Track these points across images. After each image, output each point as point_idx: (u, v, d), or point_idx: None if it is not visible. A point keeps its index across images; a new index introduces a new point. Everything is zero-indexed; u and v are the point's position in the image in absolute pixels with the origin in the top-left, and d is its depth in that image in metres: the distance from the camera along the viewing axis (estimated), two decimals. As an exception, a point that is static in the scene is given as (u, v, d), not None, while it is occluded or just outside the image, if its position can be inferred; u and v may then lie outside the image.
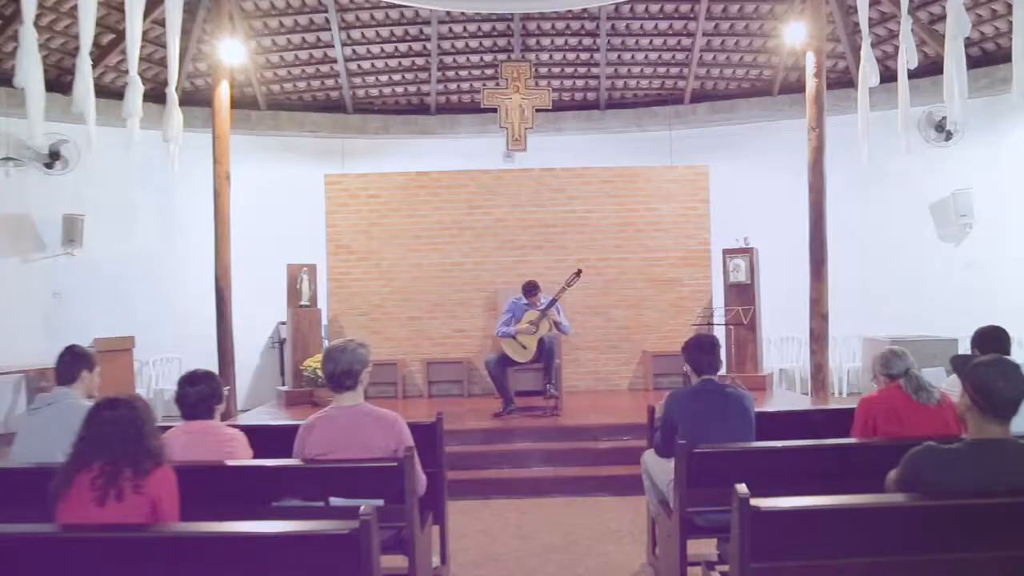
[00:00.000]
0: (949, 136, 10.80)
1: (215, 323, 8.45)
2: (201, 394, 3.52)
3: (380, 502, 3.27)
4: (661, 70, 11.71)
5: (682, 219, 9.38)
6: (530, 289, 7.30)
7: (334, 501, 3.28)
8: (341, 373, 3.39)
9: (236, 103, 11.73)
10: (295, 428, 3.56)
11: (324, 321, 9.50)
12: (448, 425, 7.01)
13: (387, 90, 11.97)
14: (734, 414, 3.72)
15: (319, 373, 8.22)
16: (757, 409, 3.85)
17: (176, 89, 7.33)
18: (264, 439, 3.78)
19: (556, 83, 11.63)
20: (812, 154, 8.35)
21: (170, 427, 3.60)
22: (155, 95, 10.41)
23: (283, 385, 9.38)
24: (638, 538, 4.87)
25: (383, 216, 9.42)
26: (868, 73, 7.26)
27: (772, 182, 11.59)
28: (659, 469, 3.95)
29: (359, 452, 3.32)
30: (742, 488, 2.44)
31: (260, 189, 11.59)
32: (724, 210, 9.64)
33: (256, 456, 3.61)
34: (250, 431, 4.06)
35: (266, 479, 3.34)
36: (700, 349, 3.89)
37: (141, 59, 10.61)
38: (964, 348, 10.11)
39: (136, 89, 6.66)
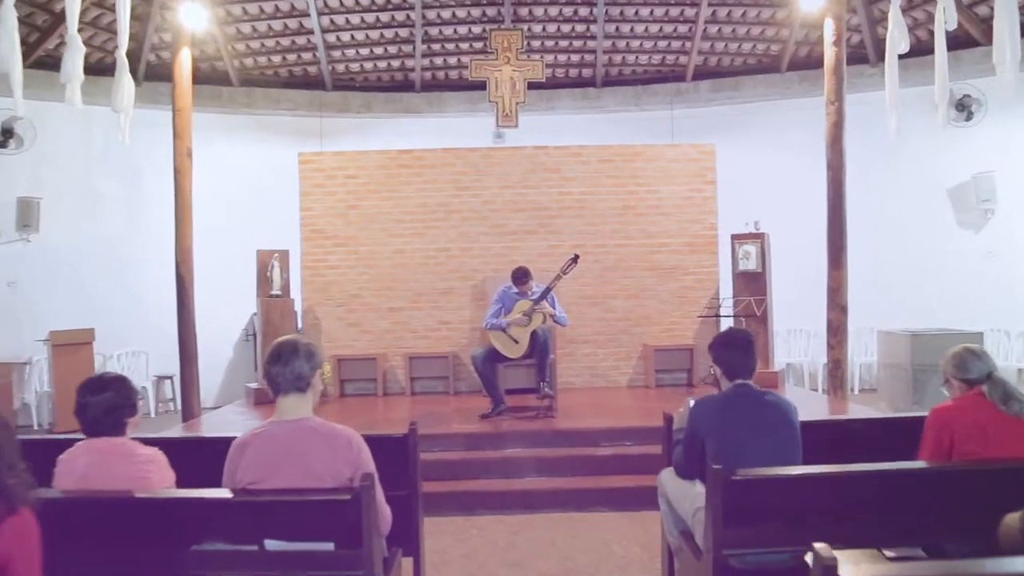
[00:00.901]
0: (970, 116, 10.13)
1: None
2: (108, 404, 2.78)
3: (330, 545, 2.54)
4: (662, 44, 10.97)
5: (687, 202, 8.66)
6: (520, 276, 6.56)
7: (270, 545, 2.55)
8: (289, 375, 2.66)
9: (206, 79, 10.96)
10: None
11: (298, 311, 8.75)
12: (429, 428, 6.31)
13: (368, 65, 11.19)
14: (776, 428, 3.00)
15: (290, 369, 7.46)
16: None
17: (126, 54, 6.54)
18: (200, 455, 3.04)
19: (550, 58, 10.88)
20: (831, 130, 7.65)
21: (74, 441, 2.86)
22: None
23: (254, 382, 8.62)
24: (649, 567, 4.16)
25: (362, 198, 8.66)
26: (897, 38, 6.55)
27: (780, 164, 10.94)
28: (681, 494, 3.23)
29: (304, 480, 2.59)
30: (823, 549, 1.72)
31: (233, 171, 10.88)
32: (730, 194, 8.93)
33: (184, 482, 2.88)
34: (180, 447, 3.33)
35: (185, 514, 2.60)
36: (734, 347, 3.17)
37: (101, 29, 9.90)
38: (992, 343, 9.51)
39: (76, 50, 5.89)
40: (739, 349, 3.14)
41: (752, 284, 8.30)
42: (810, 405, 7.22)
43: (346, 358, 8.40)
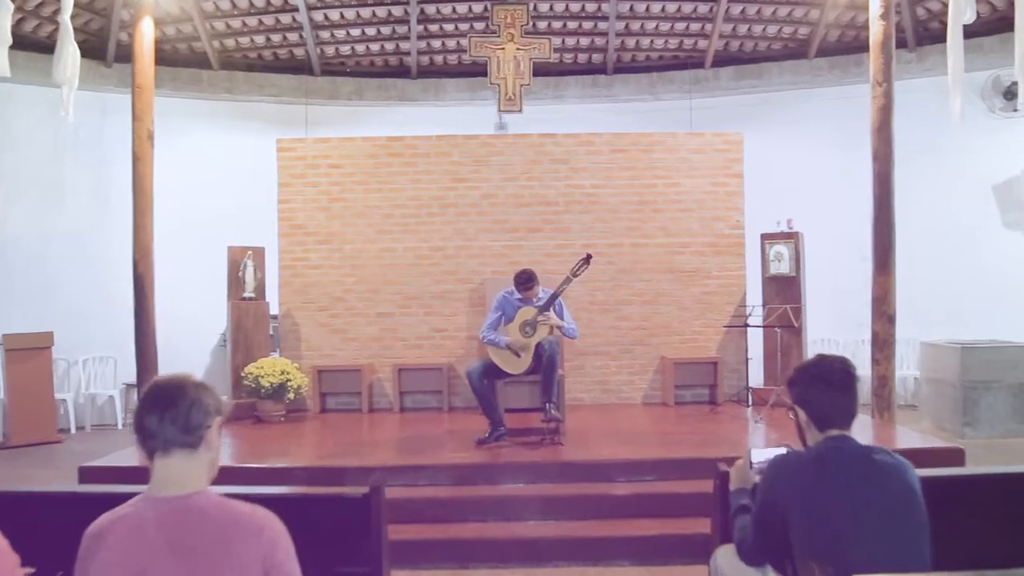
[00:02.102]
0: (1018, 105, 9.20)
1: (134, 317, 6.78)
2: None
3: None
4: (679, 27, 10.03)
5: (710, 197, 7.73)
6: (524, 280, 5.65)
7: None
8: (172, 426, 1.76)
9: (185, 61, 10.08)
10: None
11: (275, 315, 7.84)
12: (415, 456, 5.36)
13: (360, 48, 10.28)
14: (894, 502, 2.07)
15: (262, 382, 6.60)
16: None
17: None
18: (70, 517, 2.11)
19: (557, 42, 9.93)
20: (877, 115, 6.72)
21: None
22: (88, 49, 8.77)
23: (224, 396, 7.69)
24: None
25: (347, 190, 7.75)
26: (963, 5, 5.62)
27: (807, 159, 10.04)
28: (748, 587, 2.30)
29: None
30: None
31: (213, 161, 10.01)
32: (754, 190, 7.99)
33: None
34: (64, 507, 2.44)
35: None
36: (828, 384, 2.25)
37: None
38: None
39: (3, 10, 4.98)
40: (836, 387, 2.22)
41: (785, 290, 7.38)
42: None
43: (328, 369, 7.49)
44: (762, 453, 2.46)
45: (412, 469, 4.95)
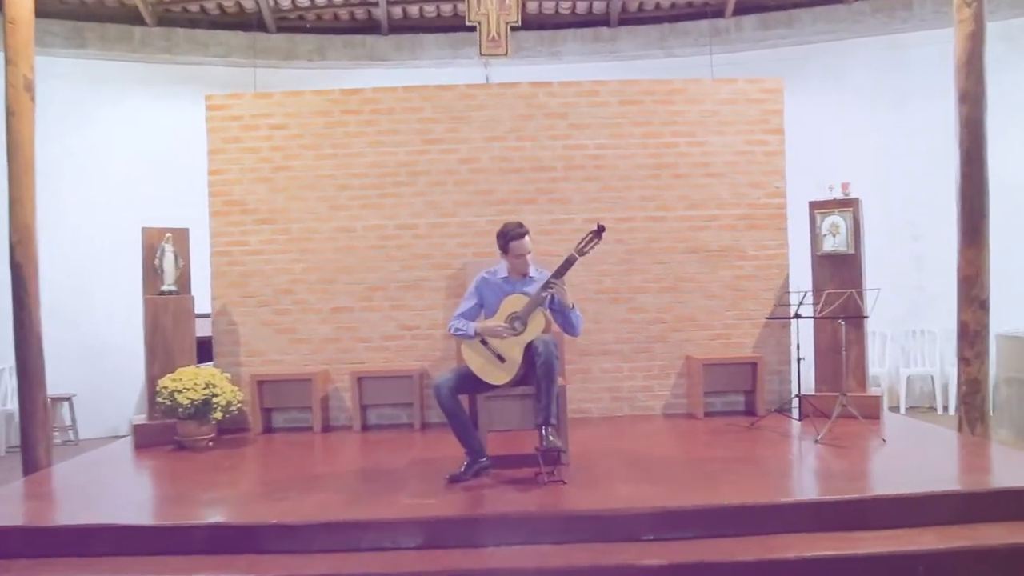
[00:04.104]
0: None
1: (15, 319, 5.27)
2: None
3: None
4: (695, -33, 8.59)
5: (744, 158, 6.24)
6: (511, 236, 4.17)
7: None
8: None
9: (114, 16, 8.57)
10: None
11: (206, 313, 6.35)
12: (364, 505, 3.85)
13: (322, 0, 8.79)
14: None
15: (180, 399, 5.12)
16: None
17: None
18: None
19: (552, -13, 8.51)
20: (964, 44, 5.22)
21: None
22: None
23: (142, 413, 6.22)
24: None
25: (293, 156, 6.26)
26: None
27: (847, 121, 8.62)
28: None
29: None
30: None
31: (147, 134, 8.57)
32: (791, 154, 6.48)
33: None
34: None
35: None
36: None
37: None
38: None
39: None
40: None
41: (842, 271, 5.89)
42: (938, 451, 4.81)
43: (271, 379, 6.00)
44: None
45: (355, 527, 3.47)
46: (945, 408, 8.23)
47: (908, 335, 8.61)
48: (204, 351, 6.41)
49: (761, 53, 8.83)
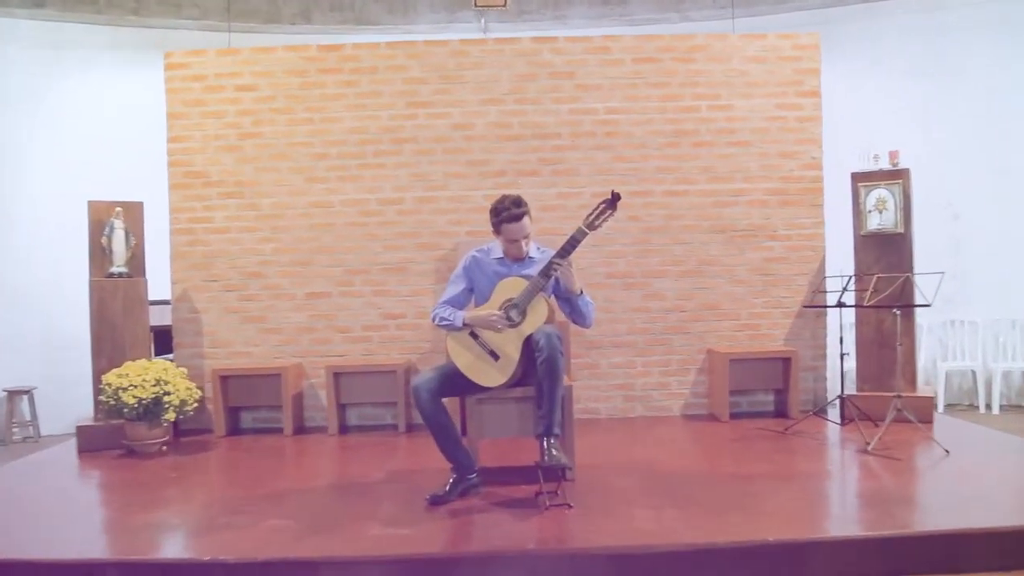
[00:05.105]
0: None
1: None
2: None
3: None
4: (716, -82, 7.78)
5: (776, 124, 5.48)
6: (504, 217, 3.43)
7: None
8: None
9: (73, -28, 7.83)
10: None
11: (166, 300, 5.62)
12: (315, 541, 2.85)
13: (304, -47, 8.00)
14: None
15: (125, 397, 4.41)
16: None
17: None
18: None
19: (557, -59, 7.72)
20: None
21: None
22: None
23: (89, 416, 5.50)
24: None
25: (264, 122, 5.52)
26: None
27: (881, 87, 7.81)
28: None
29: None
30: None
31: (116, 101, 7.83)
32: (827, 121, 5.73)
33: None
34: None
35: None
36: None
37: None
38: None
39: None
40: None
41: (889, 252, 5.13)
42: (1017, 465, 4.07)
43: (237, 374, 5.28)
44: None
45: (304, 569, 2.74)
46: (988, 406, 7.47)
47: (946, 325, 7.84)
48: (165, 342, 5.71)
49: (788, 17, 8.02)
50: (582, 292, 3.47)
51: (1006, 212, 7.02)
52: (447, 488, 3.41)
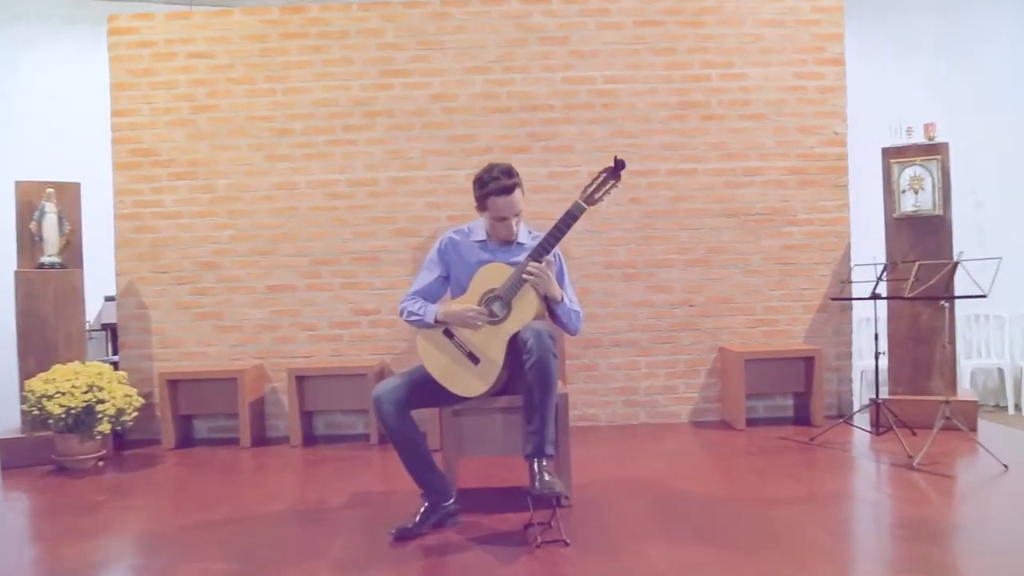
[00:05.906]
0: None
1: None
2: None
3: None
4: None
5: (795, 96, 4.89)
6: (492, 189, 2.83)
7: None
8: None
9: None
10: None
11: (109, 296, 5.00)
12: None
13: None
14: None
15: (50, 407, 3.79)
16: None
17: None
18: None
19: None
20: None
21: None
22: None
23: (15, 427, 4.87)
24: None
25: (220, 93, 4.90)
26: None
27: (900, 66, 7.25)
28: None
29: None
30: None
31: (77, 80, 7.21)
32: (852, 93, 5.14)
33: None
34: None
35: None
36: None
37: None
38: None
39: None
40: None
41: (925, 238, 4.55)
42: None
43: (189, 377, 4.66)
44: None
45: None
46: (1017, 407, 6.92)
47: (969, 320, 7.28)
48: (113, 342, 5.09)
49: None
50: (563, 299, 2.87)
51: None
52: (416, 519, 2.81)
